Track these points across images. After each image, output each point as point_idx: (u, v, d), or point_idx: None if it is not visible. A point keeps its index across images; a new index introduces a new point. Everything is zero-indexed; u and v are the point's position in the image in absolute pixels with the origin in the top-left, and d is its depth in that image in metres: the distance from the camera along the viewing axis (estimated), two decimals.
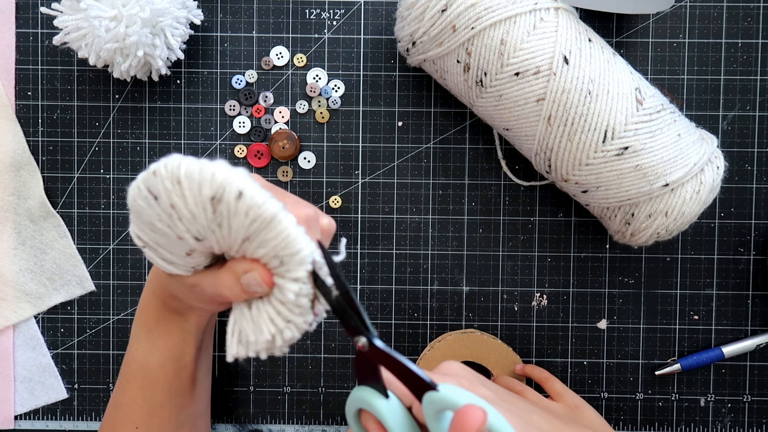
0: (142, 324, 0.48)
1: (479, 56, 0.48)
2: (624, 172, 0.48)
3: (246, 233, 0.35)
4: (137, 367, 0.48)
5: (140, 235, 0.38)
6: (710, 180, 0.49)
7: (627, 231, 0.51)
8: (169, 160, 0.36)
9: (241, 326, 0.38)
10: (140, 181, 0.36)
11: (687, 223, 0.49)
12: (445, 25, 0.48)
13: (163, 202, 0.36)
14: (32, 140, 0.58)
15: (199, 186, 0.35)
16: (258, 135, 0.58)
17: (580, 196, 0.52)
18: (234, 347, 0.38)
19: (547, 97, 0.47)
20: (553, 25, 0.47)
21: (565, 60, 0.47)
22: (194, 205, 0.35)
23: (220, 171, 0.35)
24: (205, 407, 0.53)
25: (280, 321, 0.37)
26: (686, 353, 0.58)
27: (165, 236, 0.37)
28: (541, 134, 0.49)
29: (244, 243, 0.36)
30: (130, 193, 0.37)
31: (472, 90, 0.50)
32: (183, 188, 0.35)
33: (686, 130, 0.49)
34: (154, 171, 0.35)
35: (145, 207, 0.36)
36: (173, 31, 0.52)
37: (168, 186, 0.35)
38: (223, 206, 0.35)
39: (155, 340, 0.47)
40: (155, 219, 0.36)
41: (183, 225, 0.36)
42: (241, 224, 0.35)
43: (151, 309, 0.47)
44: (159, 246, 0.38)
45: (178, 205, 0.35)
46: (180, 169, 0.35)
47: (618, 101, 0.47)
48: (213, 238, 0.36)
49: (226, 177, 0.35)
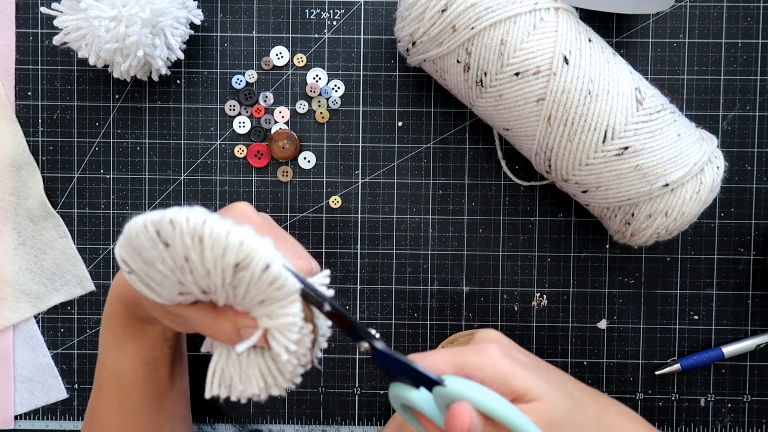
0: (109, 330, 0.47)
1: (479, 56, 0.48)
2: (624, 172, 0.48)
3: (261, 298, 0.35)
4: (108, 374, 0.47)
5: (129, 262, 0.37)
6: (710, 180, 0.49)
7: (627, 231, 0.51)
8: (191, 213, 0.34)
9: (226, 369, 0.38)
10: (149, 223, 0.35)
11: (687, 223, 0.49)
12: (445, 25, 0.48)
13: (175, 252, 0.34)
14: (32, 140, 0.58)
15: (224, 250, 0.34)
16: (258, 135, 0.58)
17: (580, 196, 0.52)
18: (215, 388, 0.38)
19: (547, 97, 0.47)
20: (553, 25, 0.47)
21: (565, 60, 0.47)
22: (213, 266, 0.34)
23: (248, 240, 0.34)
24: (185, 408, 0.53)
25: (269, 377, 0.37)
26: (686, 353, 0.58)
27: (162, 276, 0.36)
28: (541, 134, 0.49)
29: (255, 305, 0.36)
30: (133, 229, 0.35)
31: (472, 90, 0.50)
32: (204, 247, 0.34)
33: (686, 130, 0.49)
34: (172, 220, 0.34)
35: (148, 248, 0.35)
36: (173, 31, 0.52)
37: (187, 241, 0.34)
38: (246, 273, 0.34)
39: (123, 347, 0.47)
40: (158, 261, 0.35)
41: (192, 278, 0.35)
42: (260, 291, 0.35)
43: (117, 315, 0.46)
44: (149, 278, 0.37)
45: (195, 260, 0.34)
46: (204, 227, 0.34)
47: (618, 101, 0.47)
48: (223, 295, 0.36)
49: (255, 248, 0.34)
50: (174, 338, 0.49)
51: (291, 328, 0.36)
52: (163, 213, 0.35)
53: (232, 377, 0.38)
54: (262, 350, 0.38)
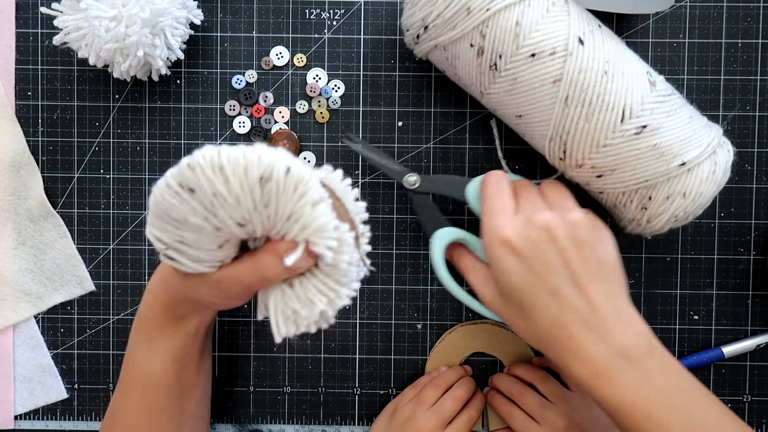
0: (142, 332, 0.48)
1: (494, 38, 0.48)
2: (642, 151, 0.48)
3: (292, 209, 0.36)
4: (138, 374, 0.48)
5: (162, 237, 0.38)
6: (724, 161, 0.49)
7: (643, 217, 0.50)
8: (204, 151, 0.36)
9: (286, 306, 0.38)
10: (170, 177, 0.36)
11: (704, 206, 0.49)
12: (460, 6, 0.47)
13: (202, 193, 0.36)
14: (32, 140, 0.58)
15: (245, 169, 0.35)
16: (258, 135, 0.58)
17: (593, 183, 0.51)
18: (282, 326, 0.39)
19: (564, 78, 0.47)
20: (564, 9, 0.48)
21: (580, 41, 0.47)
22: (240, 188, 0.35)
23: (264, 153, 0.36)
24: (206, 408, 0.53)
25: (329, 291, 0.38)
26: (686, 353, 0.58)
27: (197, 231, 0.37)
28: (557, 116, 0.48)
29: (286, 221, 0.36)
30: (157, 192, 0.37)
31: (485, 75, 0.49)
32: (227, 174, 0.35)
33: (695, 114, 0.50)
34: (189, 164, 0.36)
35: (176, 204, 0.36)
36: (173, 31, 0.52)
37: (209, 174, 0.35)
38: (272, 184, 0.35)
39: (157, 347, 0.47)
40: (189, 214, 0.36)
41: (226, 212, 0.36)
42: (289, 201, 0.36)
43: (154, 316, 0.47)
44: (184, 245, 0.38)
45: (222, 192, 0.35)
46: (221, 156, 0.35)
47: (633, 81, 0.47)
48: (258, 220, 0.36)
49: (273, 157, 0.35)
50: (204, 334, 0.49)
51: (326, 227, 0.36)
52: (177, 166, 0.36)
53: (294, 310, 0.38)
54: (312, 272, 0.38)
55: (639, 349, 0.42)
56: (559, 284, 0.43)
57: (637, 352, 0.42)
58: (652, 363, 0.42)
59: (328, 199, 0.37)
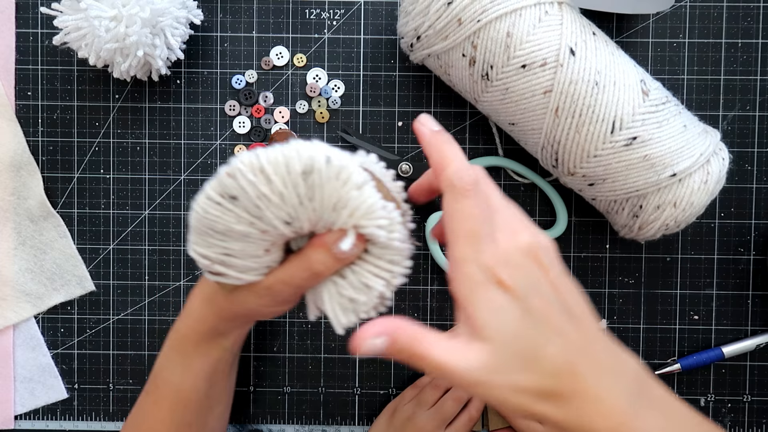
0: (178, 349, 0.48)
1: (485, 49, 0.48)
2: (632, 162, 0.48)
3: (338, 196, 0.36)
4: (169, 390, 0.48)
5: (207, 253, 0.38)
6: (717, 170, 0.49)
7: (635, 224, 0.51)
8: (242, 156, 0.36)
9: (341, 297, 0.39)
10: (209, 190, 0.37)
11: (695, 215, 0.49)
12: (451, 17, 0.47)
13: (246, 198, 0.36)
14: (32, 140, 0.58)
15: (286, 166, 0.35)
16: (258, 135, 0.58)
17: (586, 190, 0.51)
18: (342, 317, 0.39)
19: (555, 89, 0.47)
20: (558, 18, 0.47)
21: (572, 51, 0.47)
22: (283, 186, 0.36)
23: (302, 147, 0.36)
24: (225, 423, 0.53)
25: (384, 272, 0.38)
26: (686, 353, 0.58)
27: (243, 239, 0.37)
28: (548, 127, 0.49)
29: (333, 211, 0.36)
30: (198, 207, 0.37)
31: (478, 84, 0.50)
32: (268, 174, 0.35)
33: (691, 122, 0.50)
34: (228, 172, 0.36)
35: (219, 215, 0.37)
36: (173, 31, 0.52)
37: (251, 178, 0.36)
38: (314, 176, 0.36)
39: (192, 365, 0.47)
40: (233, 222, 0.37)
41: (272, 212, 0.36)
42: (333, 189, 0.36)
43: (194, 334, 0.47)
44: (231, 256, 0.38)
45: (266, 192, 0.36)
46: (260, 158, 0.36)
47: (625, 92, 0.47)
48: (304, 214, 0.37)
49: (312, 149, 0.36)
50: (238, 349, 0.49)
51: (375, 208, 0.36)
52: (215, 178, 0.37)
53: (351, 298, 0.38)
54: (362, 257, 0.38)
55: (642, 385, 0.35)
56: (562, 321, 0.33)
57: (642, 389, 0.35)
58: (654, 396, 0.35)
59: (371, 180, 0.37)
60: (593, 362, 0.33)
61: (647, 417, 0.34)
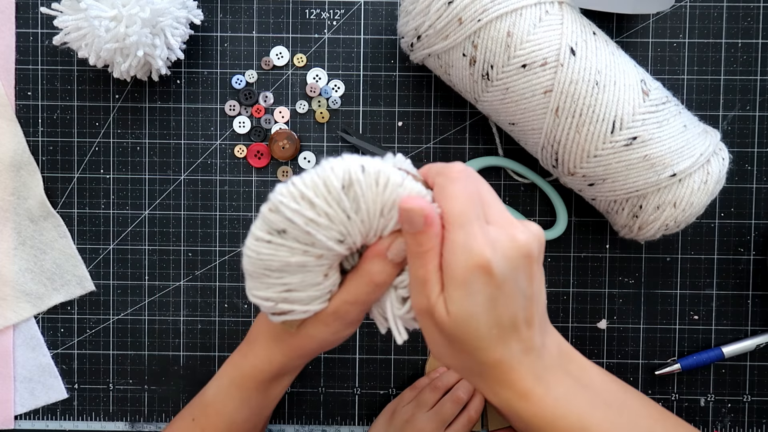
0: (239, 386, 0.47)
1: (486, 49, 0.48)
2: (632, 162, 0.48)
3: (383, 201, 0.36)
4: (221, 420, 0.48)
5: (268, 294, 0.38)
6: (717, 170, 0.49)
7: (635, 225, 0.51)
8: (278, 189, 0.36)
9: (404, 299, 0.38)
10: (256, 231, 0.37)
11: (695, 215, 0.49)
12: (452, 17, 0.47)
13: (295, 228, 0.36)
14: (32, 140, 0.58)
15: (325, 185, 0.36)
16: (258, 135, 0.58)
17: (586, 190, 0.51)
18: (402, 331, 0.38)
19: (555, 89, 0.47)
20: (558, 18, 0.48)
21: (572, 51, 0.47)
22: (327, 206, 0.36)
23: (334, 163, 0.36)
24: None
25: None
26: (686, 353, 0.58)
27: (301, 270, 0.37)
28: (548, 126, 0.49)
29: (381, 217, 0.36)
30: (249, 252, 0.37)
31: (478, 84, 0.50)
32: (310, 198, 0.36)
33: (691, 122, 0.50)
34: (270, 208, 0.36)
35: (273, 252, 0.37)
36: (173, 31, 0.52)
37: (294, 207, 0.36)
38: (355, 187, 0.36)
39: (250, 400, 0.47)
40: (288, 256, 0.37)
41: (323, 234, 0.36)
42: (376, 195, 0.36)
43: (259, 374, 0.46)
44: (293, 291, 0.38)
45: (312, 217, 0.36)
46: (297, 185, 0.36)
47: (625, 92, 0.47)
48: (355, 228, 0.37)
49: (344, 162, 0.36)
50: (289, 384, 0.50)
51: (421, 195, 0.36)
52: (258, 218, 0.37)
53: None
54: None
55: (562, 358, 0.39)
56: (519, 320, 0.36)
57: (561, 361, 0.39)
58: (570, 367, 0.39)
59: (408, 176, 0.37)
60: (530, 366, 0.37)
61: (556, 385, 0.37)
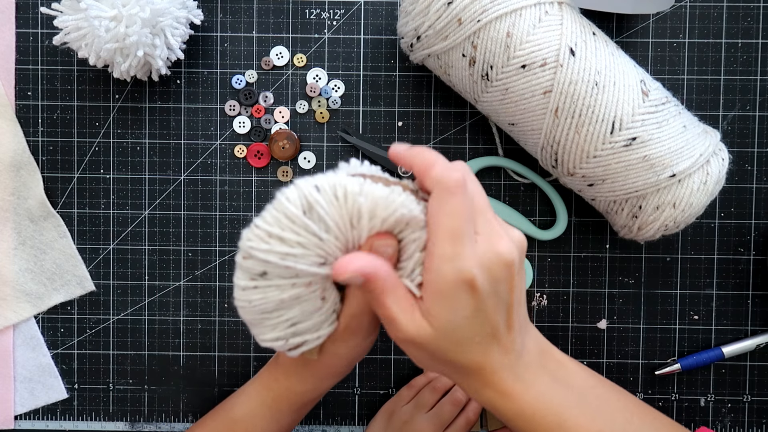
0: (271, 407, 0.47)
1: (485, 49, 0.48)
2: (631, 163, 0.48)
3: (349, 213, 0.36)
4: None
5: (276, 335, 0.38)
6: (716, 171, 0.49)
7: (634, 225, 0.51)
8: (244, 236, 0.36)
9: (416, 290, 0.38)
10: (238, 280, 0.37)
11: (694, 215, 0.49)
12: (451, 17, 0.47)
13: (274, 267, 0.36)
14: (32, 140, 0.58)
15: (286, 217, 0.36)
16: (258, 135, 0.58)
17: (585, 191, 0.51)
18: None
19: (555, 89, 0.47)
20: (558, 18, 0.47)
21: (572, 52, 0.47)
22: (296, 235, 0.36)
23: (287, 192, 0.36)
24: None
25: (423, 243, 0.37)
26: (686, 353, 0.58)
27: (296, 303, 0.37)
28: (548, 127, 0.49)
29: (353, 228, 0.37)
30: (240, 302, 0.37)
31: (478, 84, 0.50)
32: (277, 234, 0.36)
33: (691, 122, 0.50)
34: (243, 256, 0.36)
35: (262, 296, 0.37)
36: (173, 31, 0.52)
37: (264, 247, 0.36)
38: (316, 208, 0.36)
39: (282, 419, 0.47)
40: (278, 294, 0.37)
41: (303, 263, 0.36)
42: (339, 209, 0.36)
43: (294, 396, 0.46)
44: (297, 323, 0.38)
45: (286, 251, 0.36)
46: (261, 227, 0.36)
47: (624, 92, 0.47)
48: (331, 246, 0.37)
49: (296, 190, 0.36)
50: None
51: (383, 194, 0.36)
52: (236, 269, 0.37)
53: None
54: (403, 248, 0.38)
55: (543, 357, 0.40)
56: (500, 327, 0.37)
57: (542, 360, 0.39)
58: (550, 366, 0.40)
59: (365, 180, 0.37)
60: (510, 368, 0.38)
61: (536, 382, 0.38)
